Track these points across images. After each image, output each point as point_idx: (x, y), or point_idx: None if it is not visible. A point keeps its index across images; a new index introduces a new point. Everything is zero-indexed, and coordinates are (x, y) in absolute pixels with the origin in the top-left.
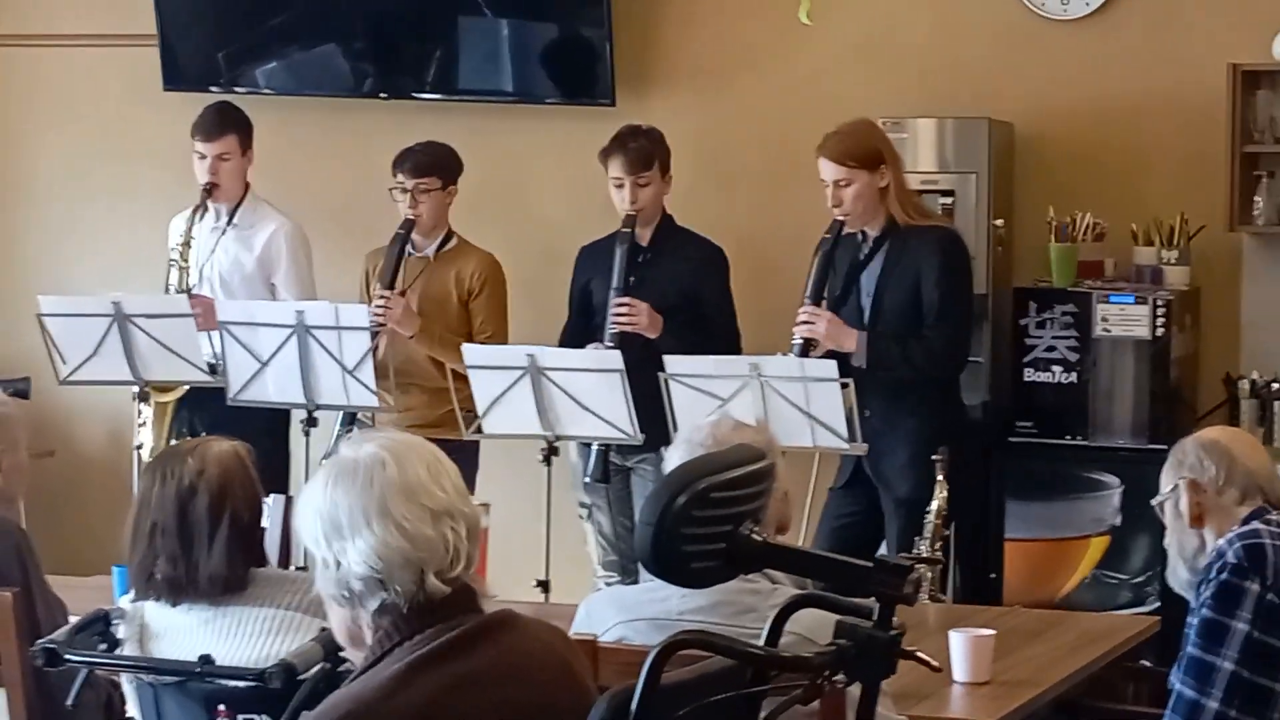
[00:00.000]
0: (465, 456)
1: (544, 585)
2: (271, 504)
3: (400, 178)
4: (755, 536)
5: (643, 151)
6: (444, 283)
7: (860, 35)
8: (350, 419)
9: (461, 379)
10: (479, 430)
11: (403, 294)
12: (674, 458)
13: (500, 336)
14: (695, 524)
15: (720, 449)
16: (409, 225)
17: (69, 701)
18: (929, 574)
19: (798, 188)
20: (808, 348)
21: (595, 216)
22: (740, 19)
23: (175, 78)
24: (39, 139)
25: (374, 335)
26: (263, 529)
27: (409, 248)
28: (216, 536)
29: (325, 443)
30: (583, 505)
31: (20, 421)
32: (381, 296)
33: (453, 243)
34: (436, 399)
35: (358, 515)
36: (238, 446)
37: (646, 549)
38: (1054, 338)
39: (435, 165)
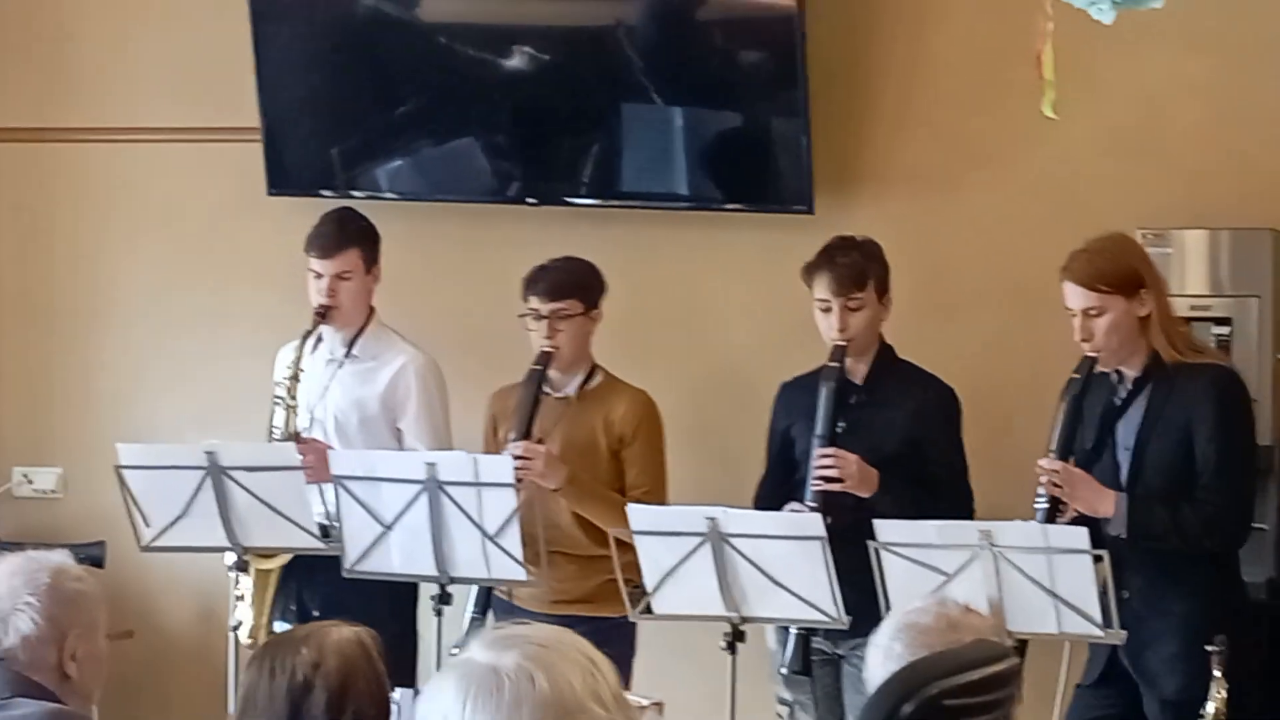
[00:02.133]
0: (621, 637)
1: None
2: (399, 701)
3: (533, 302)
4: None
5: (856, 268)
6: (589, 428)
7: (1116, 128)
8: (485, 599)
9: (623, 545)
10: (648, 610)
11: (540, 442)
12: (885, 646)
13: (658, 493)
14: None
15: (943, 635)
16: (545, 359)
17: None
18: None
19: (1039, 316)
20: (1054, 512)
21: (790, 348)
22: (967, 112)
23: (282, 179)
24: (119, 252)
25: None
26: None
27: (546, 386)
28: None
29: (461, 624)
30: (782, 703)
31: (97, 600)
32: (516, 448)
33: (598, 379)
34: (588, 569)
35: None
36: (361, 633)
37: None
38: None
39: (574, 286)
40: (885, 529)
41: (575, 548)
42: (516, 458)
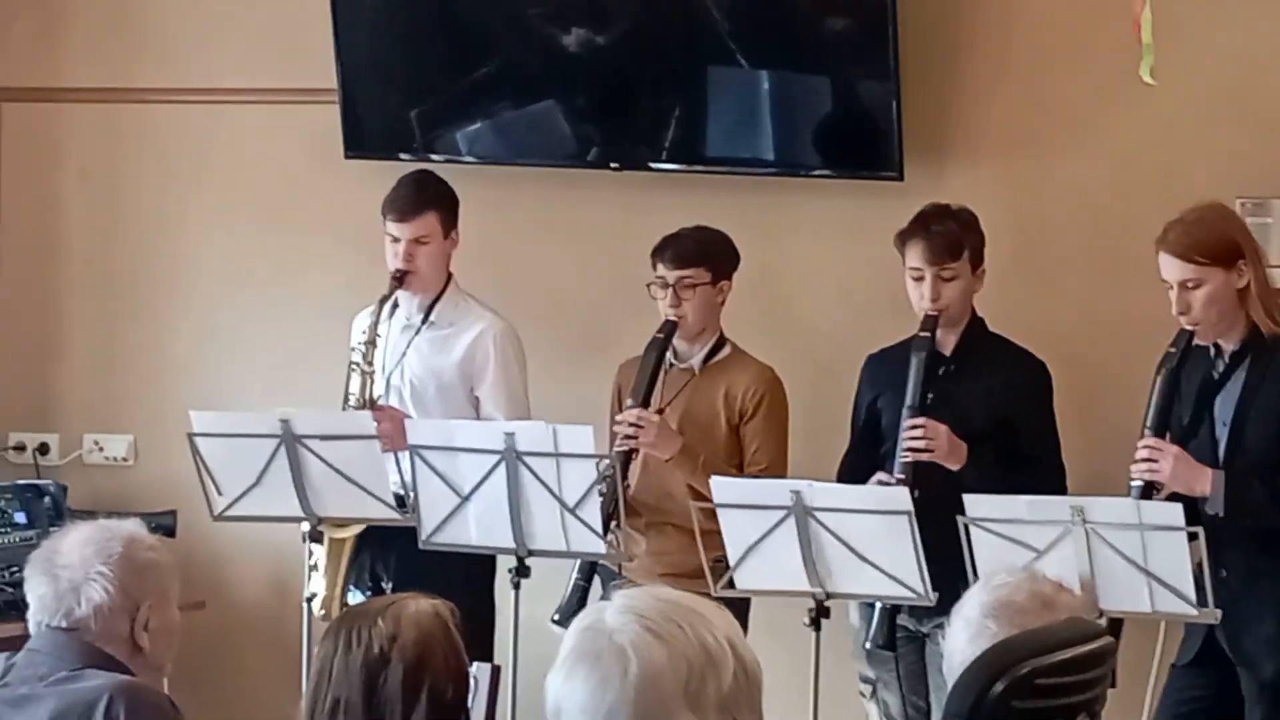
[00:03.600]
0: (736, 613)
1: None
2: (476, 675)
3: (660, 269)
4: None
5: (951, 237)
6: (711, 401)
7: (1214, 92)
8: (590, 564)
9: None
10: (730, 584)
11: (660, 412)
12: (976, 621)
13: (778, 468)
14: (1016, 718)
15: (1037, 615)
16: (670, 329)
17: None
18: None
19: (1135, 287)
20: (1149, 489)
21: (879, 318)
22: (1062, 75)
23: (359, 142)
24: (192, 216)
25: (625, 461)
26: (467, 709)
27: (670, 357)
28: (413, 717)
29: (538, 598)
30: (865, 680)
31: (170, 570)
32: (630, 414)
33: (725, 351)
34: (695, 544)
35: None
36: (438, 606)
37: None
38: None
39: (704, 255)
40: (975, 504)
41: (686, 520)
42: (630, 424)
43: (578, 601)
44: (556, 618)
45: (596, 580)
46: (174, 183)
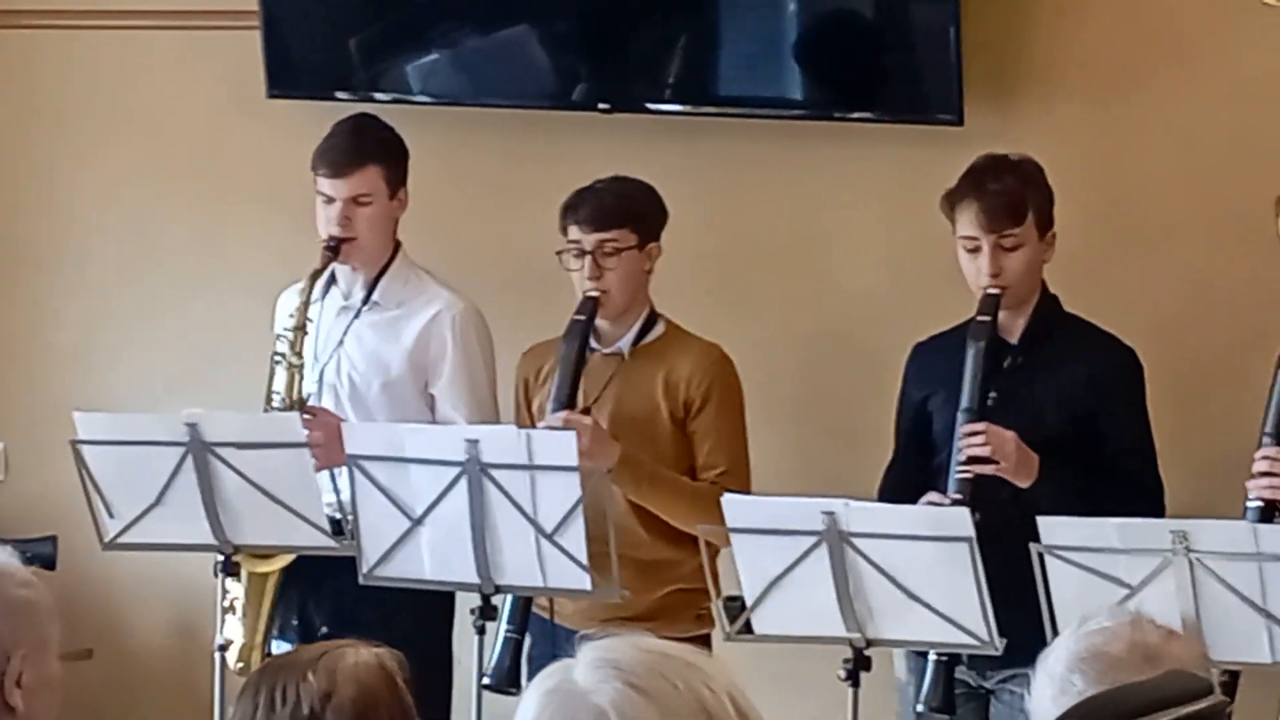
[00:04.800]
0: None
1: None
2: None
3: (573, 233)
4: None
5: (1012, 196)
6: (647, 392)
7: None
8: (523, 614)
9: (694, 546)
10: (747, 629)
11: (586, 411)
12: (1061, 677)
13: (737, 476)
14: None
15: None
16: (590, 306)
17: None
18: None
19: (1253, 259)
20: (1270, 511)
21: (928, 297)
22: None
23: (286, 78)
24: (77, 170)
25: None
26: None
27: (592, 341)
28: None
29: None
30: None
31: (48, 612)
32: (555, 419)
33: (658, 330)
34: (650, 576)
35: None
36: (383, 656)
37: None
38: None
39: (626, 212)
40: (1051, 528)
41: (634, 548)
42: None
43: (511, 658)
44: (488, 680)
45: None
46: (54, 129)
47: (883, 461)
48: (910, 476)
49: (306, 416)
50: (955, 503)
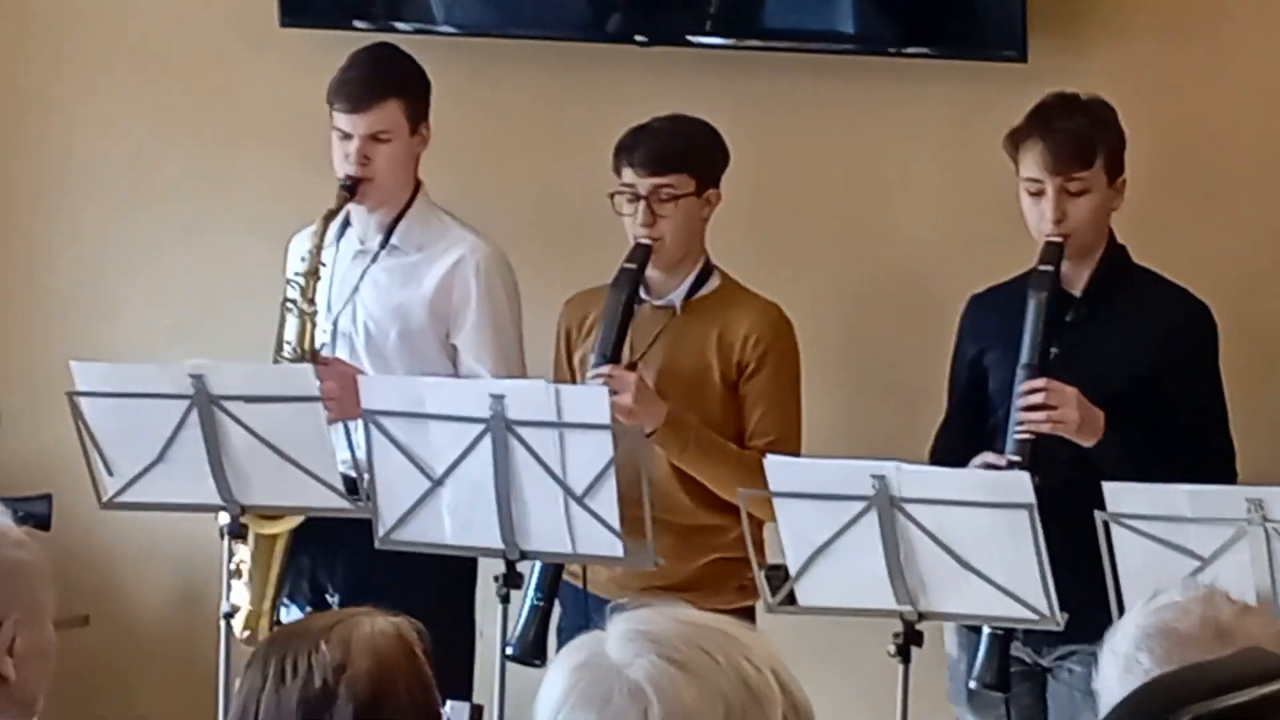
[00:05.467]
0: None
1: None
2: (450, 715)
3: (627, 176)
4: None
5: (1080, 137)
6: (699, 350)
7: None
8: (552, 581)
9: (736, 513)
10: (790, 600)
11: (632, 366)
12: (1126, 654)
13: (788, 444)
14: None
15: (1208, 647)
16: (642, 254)
17: None
18: None
19: None
20: None
21: (986, 244)
22: None
23: (298, 6)
24: (74, 106)
25: None
26: None
27: (642, 292)
28: None
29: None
30: None
31: (42, 576)
32: (599, 372)
33: (713, 284)
34: (691, 544)
35: None
36: (401, 626)
37: None
38: None
39: (684, 154)
40: (1117, 494)
41: (674, 513)
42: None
43: (536, 627)
44: (510, 651)
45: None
46: (51, 62)
47: (935, 421)
48: (965, 437)
49: (319, 367)
50: (1012, 465)
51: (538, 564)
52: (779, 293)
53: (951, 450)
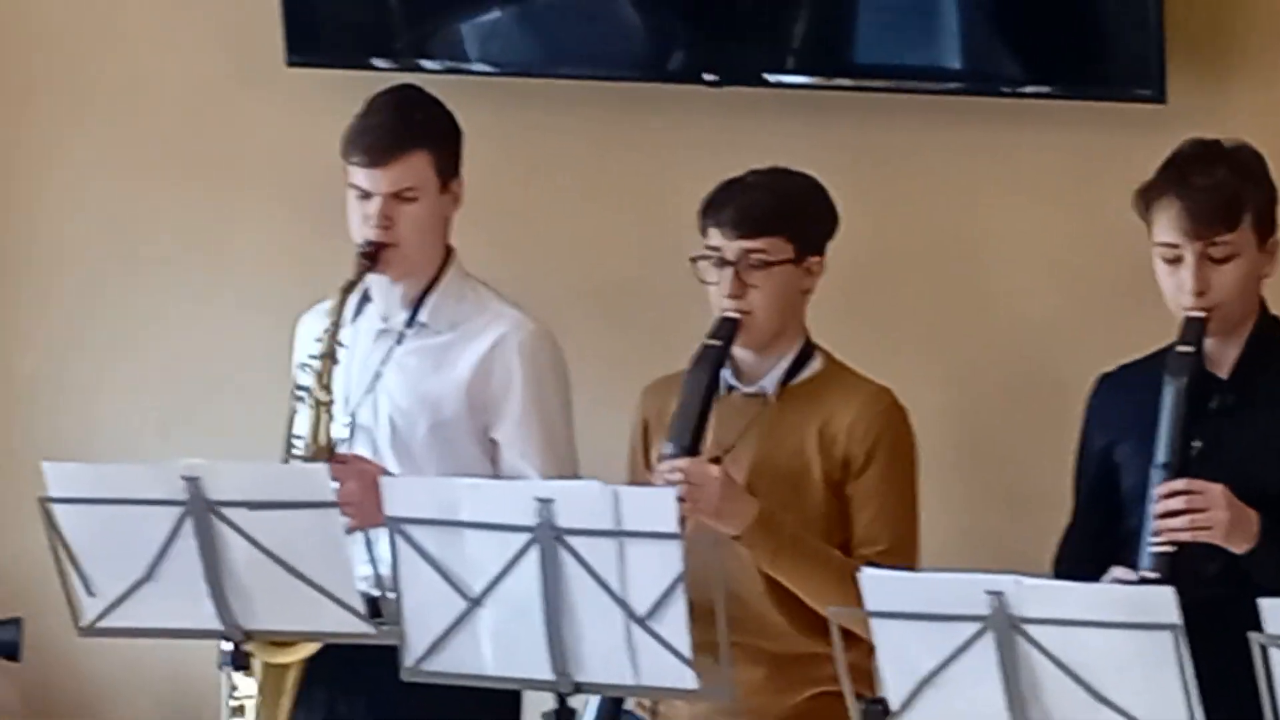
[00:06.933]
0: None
1: None
2: None
3: (714, 238)
4: None
5: (1223, 193)
6: (798, 444)
7: None
8: (612, 716)
9: (849, 636)
10: None
11: (716, 461)
12: None
13: (904, 553)
14: None
15: None
16: (728, 330)
17: None
18: None
19: None
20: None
21: (1121, 314)
22: None
23: (309, 43)
24: (49, 155)
25: None
26: None
27: (728, 376)
28: None
29: None
30: None
31: (11, 712)
32: (670, 467)
33: (814, 366)
34: (787, 673)
35: None
36: None
37: None
38: None
39: (783, 215)
40: (1277, 611)
41: (765, 637)
42: (676, 483)
43: None
44: None
45: None
46: (19, 107)
47: (1061, 526)
48: (1095, 544)
49: (336, 467)
50: (1150, 581)
51: (594, 700)
52: (869, 372)
53: (1080, 560)
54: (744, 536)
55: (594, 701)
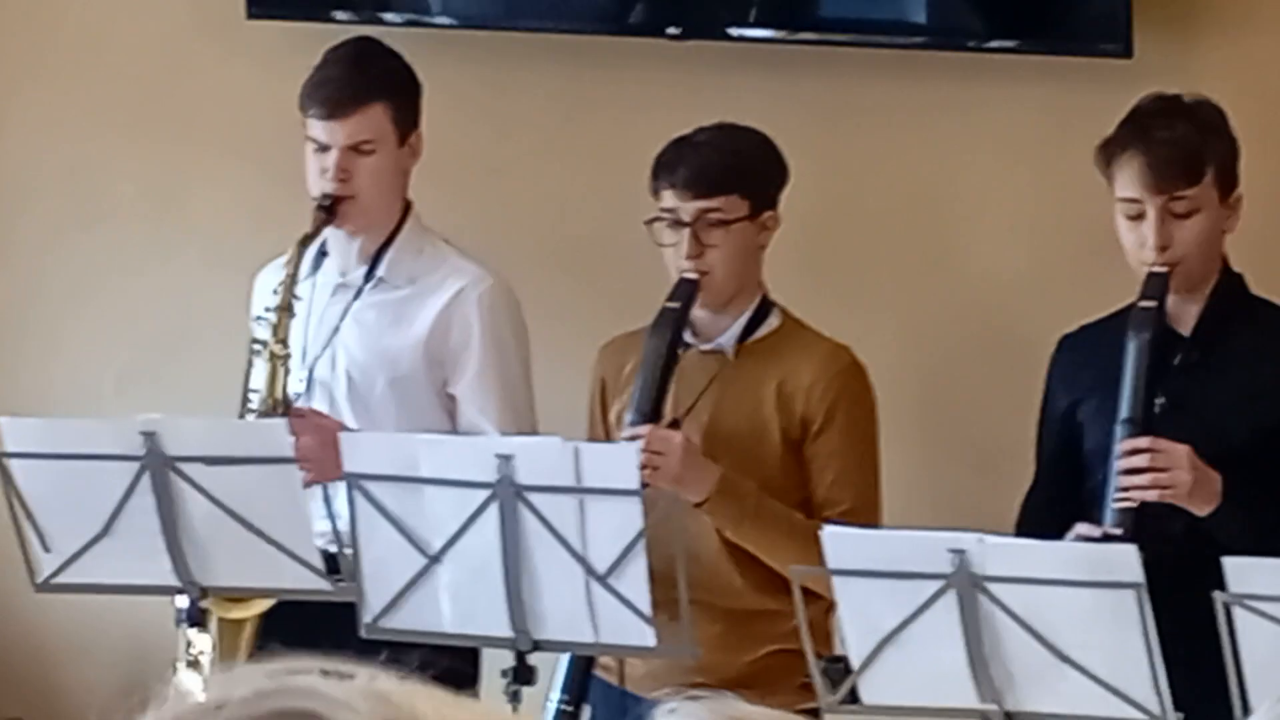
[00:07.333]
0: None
1: None
2: None
3: (668, 199)
4: None
5: (1185, 148)
6: (755, 403)
7: None
8: (580, 679)
9: (809, 595)
10: (853, 697)
11: (675, 424)
12: None
13: (866, 513)
14: None
15: None
16: (687, 291)
17: None
18: None
19: None
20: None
21: (1086, 273)
22: None
23: None
24: (6, 107)
25: None
26: None
27: (687, 335)
28: None
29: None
30: None
31: None
32: (635, 434)
33: (772, 323)
34: (745, 632)
35: None
36: None
37: None
38: None
39: (737, 172)
40: (1241, 572)
41: (725, 597)
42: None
43: None
44: None
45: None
46: None
47: (1025, 484)
48: (1057, 504)
49: (294, 421)
50: (1113, 537)
51: (564, 658)
52: (834, 333)
53: (1042, 519)
54: (707, 504)
55: (564, 661)
